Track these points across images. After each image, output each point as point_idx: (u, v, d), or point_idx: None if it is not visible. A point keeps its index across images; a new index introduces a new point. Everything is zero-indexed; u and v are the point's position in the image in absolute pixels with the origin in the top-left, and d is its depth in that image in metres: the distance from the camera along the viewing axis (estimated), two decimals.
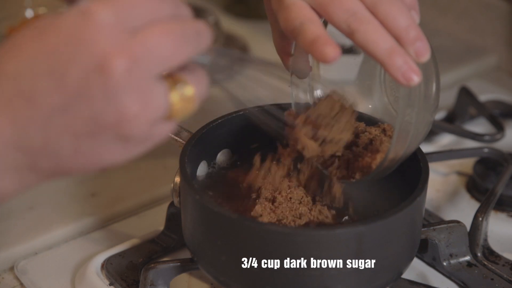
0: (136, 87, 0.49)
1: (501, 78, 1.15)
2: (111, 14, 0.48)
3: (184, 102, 0.52)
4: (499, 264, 0.77)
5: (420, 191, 0.67)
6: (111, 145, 0.51)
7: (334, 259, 0.64)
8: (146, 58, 0.49)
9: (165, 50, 0.50)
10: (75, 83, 0.48)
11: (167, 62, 0.50)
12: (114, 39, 0.48)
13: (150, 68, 0.49)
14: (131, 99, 0.49)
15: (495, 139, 0.93)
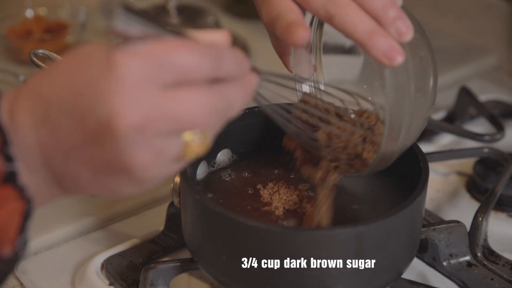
0: (147, 143, 0.49)
1: (501, 78, 1.15)
2: (137, 70, 0.48)
3: (198, 145, 0.52)
4: (499, 264, 0.77)
5: (420, 191, 0.67)
6: (125, 184, 0.52)
7: (334, 259, 0.64)
8: (163, 121, 0.49)
9: (188, 119, 0.49)
10: (91, 129, 0.49)
11: (187, 127, 0.50)
12: (132, 95, 0.48)
13: (166, 130, 0.49)
14: (141, 153, 0.49)
15: (495, 139, 0.93)
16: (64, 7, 1.20)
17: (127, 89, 0.48)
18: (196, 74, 0.50)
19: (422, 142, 0.96)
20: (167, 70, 0.48)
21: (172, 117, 0.49)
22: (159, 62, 0.48)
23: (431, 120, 0.96)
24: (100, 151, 0.49)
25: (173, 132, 0.50)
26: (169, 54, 0.48)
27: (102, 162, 0.50)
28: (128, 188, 0.52)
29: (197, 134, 0.51)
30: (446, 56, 1.18)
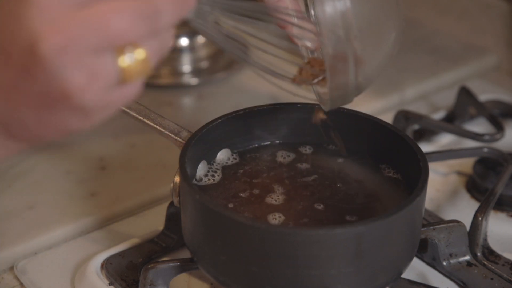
0: (76, 62, 0.47)
1: (501, 78, 1.15)
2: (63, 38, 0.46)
3: (137, 65, 0.50)
4: (498, 264, 0.77)
5: (420, 191, 0.67)
6: (70, 115, 0.50)
7: (333, 259, 0.64)
8: (86, 36, 0.47)
9: (113, 29, 0.47)
10: (18, 62, 0.48)
11: (114, 40, 0.48)
12: (50, 16, 0.46)
13: (92, 44, 0.47)
14: (73, 74, 0.47)
15: (495, 139, 0.93)
16: None
17: (43, 10, 0.46)
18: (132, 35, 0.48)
19: (422, 142, 0.96)
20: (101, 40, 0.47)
21: (95, 30, 0.47)
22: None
23: (431, 120, 0.96)
24: (34, 83, 0.48)
25: (101, 48, 0.48)
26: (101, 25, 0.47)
27: (39, 95, 0.48)
28: (75, 121, 0.50)
29: (131, 50, 0.49)
30: (446, 56, 1.18)
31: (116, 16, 0.47)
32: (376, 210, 0.71)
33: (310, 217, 0.70)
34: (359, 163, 0.78)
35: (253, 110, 0.78)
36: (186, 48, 1.12)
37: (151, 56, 0.50)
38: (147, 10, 0.49)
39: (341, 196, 0.72)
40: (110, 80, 0.49)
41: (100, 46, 0.48)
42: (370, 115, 0.78)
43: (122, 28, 0.48)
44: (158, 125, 0.76)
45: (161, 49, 0.51)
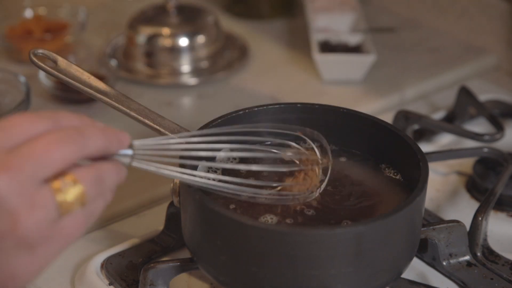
0: (19, 193, 0.50)
1: (501, 78, 1.15)
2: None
3: (74, 199, 0.53)
4: (498, 263, 0.77)
5: (420, 191, 0.67)
6: (17, 253, 0.51)
7: (334, 259, 0.64)
8: (22, 166, 0.50)
9: (40, 155, 0.51)
10: None
11: (46, 165, 0.51)
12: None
13: (30, 174, 0.51)
14: (17, 204, 0.50)
15: (495, 139, 0.93)
16: (63, 7, 1.20)
17: None
18: (36, 129, 0.53)
19: (422, 142, 0.96)
20: (9, 136, 0.52)
21: (27, 160, 0.51)
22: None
23: (431, 120, 0.96)
24: None
25: (37, 174, 0.51)
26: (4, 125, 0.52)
27: None
28: (23, 261, 0.52)
29: (68, 187, 0.53)
30: (446, 56, 1.18)
31: (43, 145, 0.51)
32: (376, 210, 0.71)
33: (310, 217, 0.70)
34: (359, 163, 0.78)
35: (253, 110, 0.78)
36: (186, 48, 1.12)
37: (89, 191, 0.54)
38: (73, 136, 0.53)
39: (341, 196, 0.72)
40: (48, 213, 0.52)
41: (42, 175, 0.51)
42: (370, 115, 0.78)
43: (50, 154, 0.51)
44: (158, 125, 0.76)
45: (98, 181, 0.55)
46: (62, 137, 0.52)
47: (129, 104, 0.76)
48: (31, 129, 0.52)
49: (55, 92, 1.04)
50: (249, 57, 1.17)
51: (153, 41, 1.12)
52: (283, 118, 0.79)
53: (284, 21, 1.30)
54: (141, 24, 1.13)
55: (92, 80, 0.77)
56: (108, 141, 0.56)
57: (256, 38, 1.23)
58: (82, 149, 0.53)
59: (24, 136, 0.52)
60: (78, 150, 0.53)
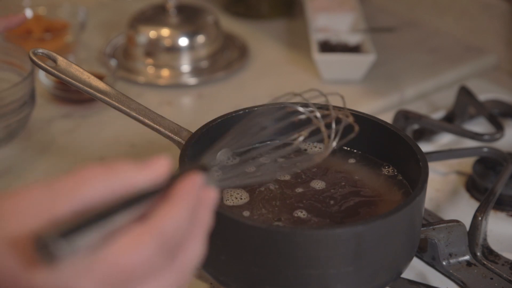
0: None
1: (501, 77, 1.15)
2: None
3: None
4: (498, 263, 0.77)
5: (420, 190, 0.67)
6: None
7: (333, 258, 0.64)
8: (110, 277, 0.46)
9: (129, 268, 0.47)
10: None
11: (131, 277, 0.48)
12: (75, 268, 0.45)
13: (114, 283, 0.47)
14: None
15: (495, 138, 0.93)
16: (63, 7, 1.20)
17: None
18: (150, 266, 0.48)
19: (422, 141, 0.96)
20: (121, 280, 0.47)
21: (115, 272, 0.47)
22: (111, 278, 0.46)
23: (431, 119, 0.96)
24: None
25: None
26: (121, 265, 0.46)
27: None
28: None
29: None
30: (446, 55, 1.18)
31: (135, 253, 0.47)
32: (376, 210, 0.71)
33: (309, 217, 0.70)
34: (359, 163, 0.78)
35: (253, 110, 0.78)
36: (186, 48, 1.12)
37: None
38: (183, 278, 0.50)
39: (341, 196, 0.72)
40: None
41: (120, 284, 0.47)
42: (370, 115, 0.78)
43: (142, 262, 0.47)
44: (158, 125, 0.76)
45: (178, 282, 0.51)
46: (152, 241, 0.48)
47: (129, 104, 0.77)
48: (139, 269, 0.47)
49: (55, 92, 1.04)
50: (249, 57, 1.17)
51: (153, 41, 1.12)
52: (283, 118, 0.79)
53: (284, 21, 1.30)
54: (141, 24, 1.13)
55: (92, 80, 0.77)
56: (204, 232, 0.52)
57: (256, 38, 1.23)
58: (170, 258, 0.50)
59: (131, 277, 0.47)
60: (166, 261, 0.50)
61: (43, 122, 1.01)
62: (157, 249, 0.47)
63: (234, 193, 0.72)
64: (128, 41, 1.14)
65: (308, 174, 0.75)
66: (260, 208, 0.71)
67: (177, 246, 0.49)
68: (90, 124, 1.01)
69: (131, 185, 0.49)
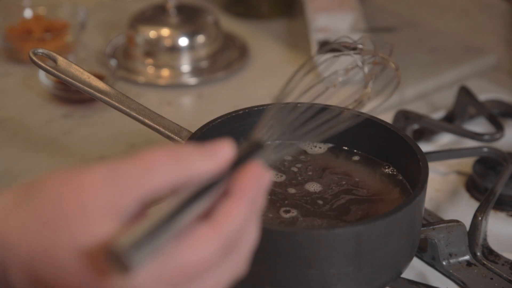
0: None
1: (501, 77, 1.15)
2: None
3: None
4: (498, 263, 0.77)
5: (420, 190, 0.67)
6: None
7: (333, 258, 0.64)
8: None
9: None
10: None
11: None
12: None
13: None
14: None
15: (495, 138, 0.93)
16: (63, 7, 1.20)
17: None
18: (212, 264, 0.48)
19: (422, 141, 0.96)
20: (187, 279, 0.47)
21: None
22: (178, 279, 0.46)
23: (430, 119, 0.96)
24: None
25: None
26: (187, 266, 0.46)
27: None
28: None
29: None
30: (446, 55, 1.18)
31: (201, 253, 0.47)
32: (376, 210, 0.71)
33: (314, 215, 0.70)
34: (359, 162, 0.78)
35: (253, 110, 0.78)
36: (186, 48, 1.12)
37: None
38: (239, 270, 0.50)
39: (341, 196, 0.72)
40: None
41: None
42: (370, 115, 0.78)
43: (206, 261, 0.47)
44: (158, 125, 0.76)
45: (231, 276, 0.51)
46: (231, 277, 0.49)
47: (129, 104, 0.77)
48: (203, 268, 0.47)
49: (55, 92, 1.04)
50: (249, 57, 1.17)
51: (153, 41, 1.12)
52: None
53: (284, 21, 1.30)
54: (141, 24, 1.13)
55: (92, 80, 0.77)
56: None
57: (256, 38, 1.23)
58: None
59: (198, 274, 0.47)
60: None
61: (43, 122, 1.01)
62: (221, 248, 0.47)
63: None
64: (128, 41, 1.14)
65: (307, 174, 0.75)
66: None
67: (237, 242, 0.49)
68: (90, 124, 1.01)
69: (198, 175, 0.48)
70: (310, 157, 0.78)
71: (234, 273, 0.50)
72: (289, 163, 0.77)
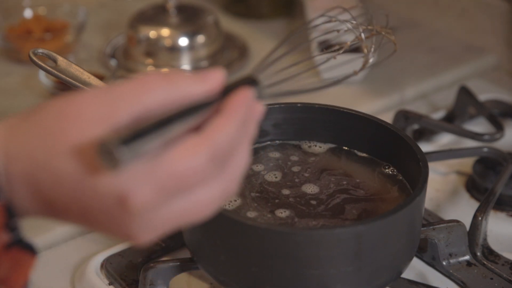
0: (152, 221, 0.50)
1: (501, 77, 1.15)
2: (147, 202, 0.48)
3: None
4: (498, 263, 0.77)
5: (420, 190, 0.67)
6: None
7: (333, 258, 0.64)
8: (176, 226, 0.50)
9: (199, 216, 0.50)
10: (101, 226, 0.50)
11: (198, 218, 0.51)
12: (146, 223, 0.49)
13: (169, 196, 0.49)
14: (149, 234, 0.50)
15: (495, 138, 0.93)
16: (63, 7, 1.20)
17: (142, 220, 0.49)
18: (203, 175, 0.49)
19: (422, 141, 0.96)
20: (176, 186, 0.48)
21: (184, 222, 0.50)
22: (167, 184, 0.48)
23: (431, 119, 0.96)
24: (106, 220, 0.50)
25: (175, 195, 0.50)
26: (176, 171, 0.48)
27: (104, 226, 0.50)
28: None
29: None
30: (446, 55, 1.18)
31: (207, 209, 0.50)
32: (376, 210, 0.71)
33: (313, 215, 0.70)
34: (359, 162, 0.78)
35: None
36: (186, 48, 1.12)
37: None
38: (231, 188, 0.51)
39: (341, 196, 0.72)
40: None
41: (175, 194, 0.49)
42: (370, 115, 0.78)
43: (209, 213, 0.51)
44: None
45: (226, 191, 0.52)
46: (224, 194, 0.51)
47: None
48: (196, 176, 0.49)
49: (55, 92, 1.04)
50: (249, 57, 1.17)
51: (153, 41, 1.12)
52: (283, 118, 0.79)
53: (284, 21, 1.29)
54: (141, 24, 1.13)
55: (92, 80, 0.77)
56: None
57: (256, 38, 1.23)
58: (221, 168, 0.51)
59: (190, 187, 0.49)
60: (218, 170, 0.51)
61: None
62: (210, 159, 0.49)
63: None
64: (128, 41, 1.14)
65: (307, 173, 0.75)
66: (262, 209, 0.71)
67: (227, 157, 0.50)
68: None
69: (189, 96, 0.50)
70: (309, 157, 0.78)
71: (226, 190, 0.51)
72: (288, 163, 0.77)
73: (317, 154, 0.79)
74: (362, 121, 0.77)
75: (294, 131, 0.80)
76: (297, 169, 0.76)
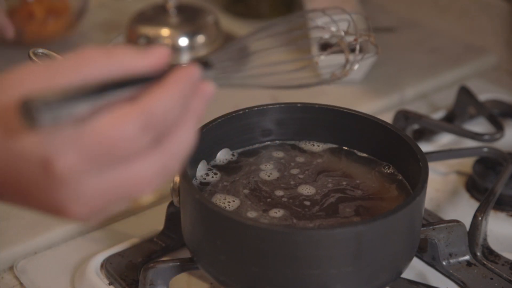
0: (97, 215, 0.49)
1: (501, 77, 1.15)
2: (75, 168, 0.46)
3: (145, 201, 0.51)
4: (498, 263, 0.77)
5: (420, 190, 0.67)
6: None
7: (333, 258, 0.64)
8: (110, 204, 0.49)
9: (136, 191, 0.49)
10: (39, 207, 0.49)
11: (136, 195, 0.49)
12: (75, 193, 0.47)
13: (101, 165, 0.48)
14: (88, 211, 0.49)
15: (495, 138, 0.93)
16: None
17: (69, 188, 0.47)
18: (136, 145, 0.48)
19: (422, 141, 0.96)
20: (105, 154, 0.47)
21: (120, 197, 0.49)
22: (95, 151, 0.47)
23: (431, 119, 0.96)
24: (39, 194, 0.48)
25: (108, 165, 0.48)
26: (104, 138, 0.47)
27: (39, 204, 0.49)
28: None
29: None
30: (446, 55, 1.18)
31: (143, 183, 0.49)
32: (376, 210, 0.71)
33: (309, 216, 0.70)
34: (359, 162, 0.78)
35: (253, 110, 0.78)
36: (186, 48, 1.12)
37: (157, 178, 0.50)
38: (171, 164, 0.50)
39: (341, 196, 0.72)
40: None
41: (108, 164, 0.48)
42: (370, 115, 0.78)
43: (147, 188, 0.49)
44: None
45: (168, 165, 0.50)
46: (160, 168, 0.49)
47: None
48: (129, 144, 0.47)
49: None
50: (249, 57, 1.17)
51: (153, 41, 1.12)
52: (283, 118, 0.79)
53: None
54: (141, 24, 1.13)
55: None
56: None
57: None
58: (157, 136, 0.50)
59: (122, 156, 0.47)
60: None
61: None
62: (141, 128, 0.47)
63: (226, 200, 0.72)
64: (128, 41, 1.14)
65: (306, 173, 0.75)
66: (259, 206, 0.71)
67: (165, 130, 0.49)
68: None
69: (130, 69, 0.49)
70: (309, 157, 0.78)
71: (166, 167, 0.49)
72: (288, 163, 0.77)
73: (317, 154, 0.79)
74: (362, 121, 0.77)
75: (294, 131, 0.80)
76: (296, 171, 0.76)
